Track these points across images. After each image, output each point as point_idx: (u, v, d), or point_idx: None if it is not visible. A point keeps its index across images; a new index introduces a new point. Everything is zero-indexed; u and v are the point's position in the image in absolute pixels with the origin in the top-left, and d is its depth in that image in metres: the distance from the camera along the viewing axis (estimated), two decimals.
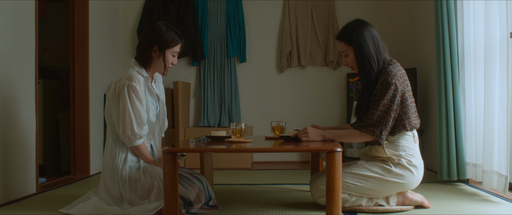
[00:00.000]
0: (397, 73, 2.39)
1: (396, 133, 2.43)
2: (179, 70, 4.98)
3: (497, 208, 2.55)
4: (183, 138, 4.52)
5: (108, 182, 2.50)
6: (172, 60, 2.56)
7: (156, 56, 2.52)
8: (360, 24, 2.46)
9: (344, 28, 2.50)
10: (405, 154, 2.42)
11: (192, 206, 2.42)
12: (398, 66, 2.45)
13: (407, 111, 2.41)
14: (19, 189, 3.04)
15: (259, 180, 3.63)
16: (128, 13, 5.00)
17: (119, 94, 2.42)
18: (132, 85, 2.41)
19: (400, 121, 2.41)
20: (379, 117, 2.37)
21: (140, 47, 2.54)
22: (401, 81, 2.40)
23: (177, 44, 2.54)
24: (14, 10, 3.01)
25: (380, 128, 2.37)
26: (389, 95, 2.35)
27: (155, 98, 2.58)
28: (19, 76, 3.05)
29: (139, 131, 2.44)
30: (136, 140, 2.44)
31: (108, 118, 2.53)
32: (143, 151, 2.49)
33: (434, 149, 3.88)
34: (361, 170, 2.43)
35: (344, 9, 4.91)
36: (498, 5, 2.82)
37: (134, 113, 2.42)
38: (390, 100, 2.35)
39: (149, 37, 2.51)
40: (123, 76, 2.46)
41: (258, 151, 2.16)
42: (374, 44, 2.44)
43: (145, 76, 2.53)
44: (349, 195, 2.44)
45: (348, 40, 2.46)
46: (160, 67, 2.55)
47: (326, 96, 4.94)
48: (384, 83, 2.38)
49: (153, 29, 2.51)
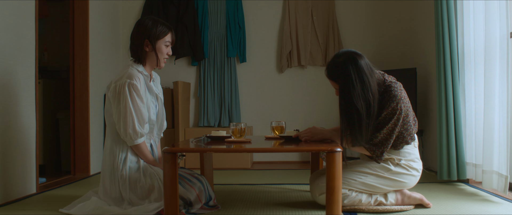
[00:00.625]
0: (402, 96, 2.38)
1: (399, 148, 2.46)
2: (179, 70, 4.98)
3: (497, 208, 2.55)
4: (183, 138, 4.52)
5: (107, 182, 2.50)
6: (167, 50, 2.58)
7: (149, 50, 2.53)
8: (347, 58, 2.33)
9: (330, 66, 2.39)
10: (405, 159, 2.47)
11: (192, 206, 2.42)
12: (399, 86, 2.42)
13: (408, 127, 2.44)
14: (19, 189, 3.04)
15: (259, 180, 3.63)
16: (128, 13, 5.00)
17: (120, 93, 2.42)
18: (133, 84, 2.41)
19: (402, 138, 2.45)
20: (382, 139, 2.39)
21: (133, 46, 2.56)
22: (405, 102, 2.41)
23: (167, 33, 2.56)
24: (14, 10, 3.01)
25: (382, 149, 2.41)
26: (394, 120, 2.37)
27: (154, 97, 2.59)
28: (19, 76, 3.05)
29: (141, 129, 2.44)
30: (137, 138, 2.44)
31: (108, 117, 2.53)
32: (144, 150, 2.49)
33: (434, 149, 3.88)
34: (362, 167, 2.48)
35: (344, 9, 4.92)
36: (498, 5, 2.82)
37: (136, 111, 2.42)
38: (394, 124, 2.37)
39: (138, 34, 2.53)
40: (123, 75, 2.46)
41: (258, 151, 2.16)
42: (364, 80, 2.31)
43: (145, 75, 2.53)
44: (349, 190, 2.46)
45: (336, 78, 2.37)
46: (156, 60, 2.56)
47: (326, 96, 4.94)
48: (389, 109, 2.35)
49: (140, 25, 2.53)
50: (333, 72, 2.39)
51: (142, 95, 2.44)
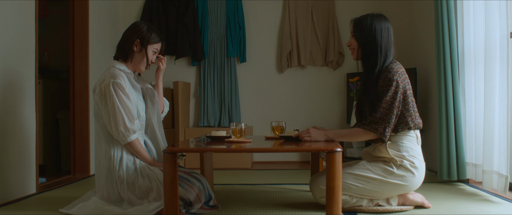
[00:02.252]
0: (398, 70, 2.42)
1: (399, 131, 2.43)
2: (179, 70, 4.98)
3: (497, 208, 2.55)
4: (183, 138, 4.52)
5: (103, 185, 2.49)
6: (152, 57, 2.62)
7: (137, 51, 2.56)
8: (381, 16, 2.49)
9: (365, 15, 2.53)
10: (407, 155, 2.42)
11: (192, 206, 2.42)
12: (398, 64, 2.47)
13: (409, 108, 2.42)
14: (19, 189, 3.04)
15: (259, 180, 3.63)
16: (128, 13, 5.00)
17: (106, 94, 2.43)
18: (117, 82, 2.43)
19: (402, 118, 2.42)
20: (382, 114, 2.37)
21: (122, 43, 2.59)
22: (402, 78, 2.41)
23: (158, 42, 2.61)
24: (14, 10, 3.01)
25: (384, 125, 2.37)
26: (391, 92, 2.36)
27: (139, 93, 2.59)
28: (19, 76, 3.05)
29: (131, 125, 2.44)
30: (130, 134, 2.44)
31: (97, 119, 2.53)
32: (138, 147, 2.49)
33: (434, 149, 3.88)
34: (363, 171, 2.43)
35: (344, 9, 4.92)
36: (498, 5, 2.82)
37: (124, 108, 2.43)
38: (392, 97, 2.36)
39: (131, 32, 2.57)
40: (106, 76, 2.47)
41: (258, 151, 2.16)
42: (387, 39, 2.46)
43: (127, 72, 2.55)
44: (350, 196, 2.44)
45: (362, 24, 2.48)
46: (140, 63, 2.59)
47: (326, 96, 4.94)
48: (385, 80, 2.39)
49: (135, 26, 2.59)
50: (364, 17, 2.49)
51: (127, 93, 2.46)
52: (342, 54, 4.86)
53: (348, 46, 2.57)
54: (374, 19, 2.47)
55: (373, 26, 2.45)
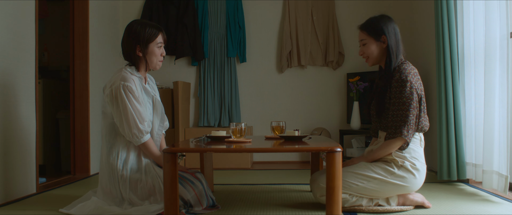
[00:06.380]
0: (411, 71, 2.44)
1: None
2: (179, 70, 4.98)
3: (497, 208, 2.55)
4: (183, 138, 4.52)
5: (106, 184, 2.50)
6: (160, 51, 2.58)
7: (143, 54, 2.54)
8: (386, 17, 2.56)
9: (370, 19, 2.58)
10: (409, 156, 2.43)
11: (192, 207, 2.42)
12: (410, 65, 2.50)
13: (420, 110, 2.44)
14: (19, 189, 3.04)
15: (259, 180, 3.63)
16: (128, 13, 5.00)
17: (117, 96, 2.43)
18: (127, 85, 2.43)
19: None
20: (401, 117, 2.39)
21: (125, 53, 2.57)
22: (415, 79, 2.43)
23: (157, 35, 2.55)
24: (14, 10, 3.01)
25: (406, 128, 2.38)
26: (406, 93, 2.38)
27: (150, 98, 2.59)
28: (19, 76, 3.05)
29: (144, 127, 2.46)
30: (143, 136, 2.45)
31: (104, 118, 2.53)
32: (151, 147, 2.50)
33: (434, 149, 3.88)
34: (364, 170, 2.43)
35: (344, 9, 4.92)
36: (498, 5, 2.82)
37: (135, 111, 2.44)
38: (408, 98, 2.38)
39: (128, 40, 2.53)
40: (117, 77, 2.47)
41: (258, 151, 2.17)
42: (396, 39, 2.54)
43: (138, 77, 2.55)
44: (350, 195, 2.44)
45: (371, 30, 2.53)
46: (152, 62, 2.57)
47: (326, 96, 4.94)
48: (399, 81, 2.41)
49: (129, 31, 2.53)
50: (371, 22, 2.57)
51: (137, 96, 2.46)
52: (342, 54, 4.86)
53: (361, 55, 2.61)
54: (380, 23, 2.53)
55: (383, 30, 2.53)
